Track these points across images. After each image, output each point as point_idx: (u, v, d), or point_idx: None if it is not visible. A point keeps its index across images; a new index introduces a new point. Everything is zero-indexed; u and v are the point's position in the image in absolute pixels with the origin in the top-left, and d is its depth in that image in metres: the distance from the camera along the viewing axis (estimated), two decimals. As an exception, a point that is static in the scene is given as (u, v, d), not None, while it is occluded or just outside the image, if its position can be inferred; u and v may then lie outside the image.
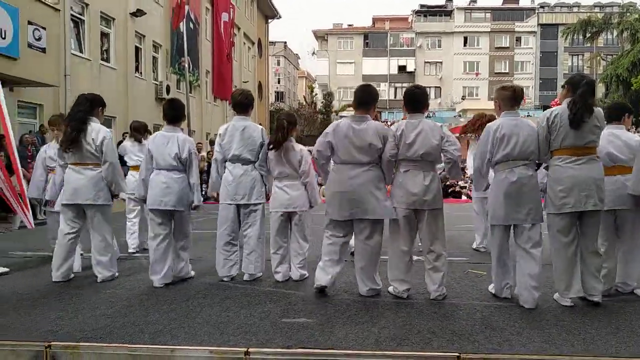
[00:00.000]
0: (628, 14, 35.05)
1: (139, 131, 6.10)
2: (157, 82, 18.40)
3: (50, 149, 5.37)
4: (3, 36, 9.66)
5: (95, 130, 4.43)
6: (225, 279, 4.48)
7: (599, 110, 3.71)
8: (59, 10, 11.63)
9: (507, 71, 46.06)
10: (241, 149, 4.42)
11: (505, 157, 3.70)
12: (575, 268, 3.68)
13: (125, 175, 5.39)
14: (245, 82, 28.12)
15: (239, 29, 27.27)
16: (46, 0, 10.90)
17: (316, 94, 48.81)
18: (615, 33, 36.73)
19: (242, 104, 4.53)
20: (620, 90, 29.90)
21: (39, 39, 10.71)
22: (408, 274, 3.92)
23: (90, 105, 4.52)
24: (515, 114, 3.83)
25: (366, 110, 3.98)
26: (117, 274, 4.66)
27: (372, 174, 3.90)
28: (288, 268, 4.57)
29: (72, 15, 13.29)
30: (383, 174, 3.95)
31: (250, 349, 2.85)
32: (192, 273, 4.69)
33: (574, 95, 3.63)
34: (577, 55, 41.69)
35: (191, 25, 19.58)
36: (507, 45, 46.99)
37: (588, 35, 36.59)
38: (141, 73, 17.59)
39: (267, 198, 4.64)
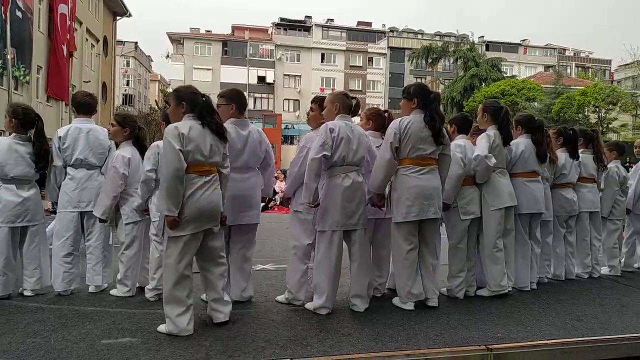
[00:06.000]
0: (462, 44, 39.39)
1: None
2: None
3: None
4: None
5: None
6: (63, 294, 4.09)
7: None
8: None
9: (360, 89, 48.56)
10: (86, 153, 4.18)
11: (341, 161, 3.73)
12: (417, 274, 3.86)
13: None
14: (86, 81, 25.47)
15: (80, 23, 24.62)
16: None
17: (170, 99, 46.47)
18: (451, 60, 40.96)
19: (88, 105, 4.33)
20: (455, 112, 33.19)
21: None
22: None
23: None
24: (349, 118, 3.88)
25: None
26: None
27: None
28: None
29: None
30: None
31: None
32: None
33: (424, 107, 3.81)
34: (421, 78, 45.07)
35: (19, 13, 17.09)
36: (361, 64, 49.65)
37: (429, 60, 40.30)
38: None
39: None
